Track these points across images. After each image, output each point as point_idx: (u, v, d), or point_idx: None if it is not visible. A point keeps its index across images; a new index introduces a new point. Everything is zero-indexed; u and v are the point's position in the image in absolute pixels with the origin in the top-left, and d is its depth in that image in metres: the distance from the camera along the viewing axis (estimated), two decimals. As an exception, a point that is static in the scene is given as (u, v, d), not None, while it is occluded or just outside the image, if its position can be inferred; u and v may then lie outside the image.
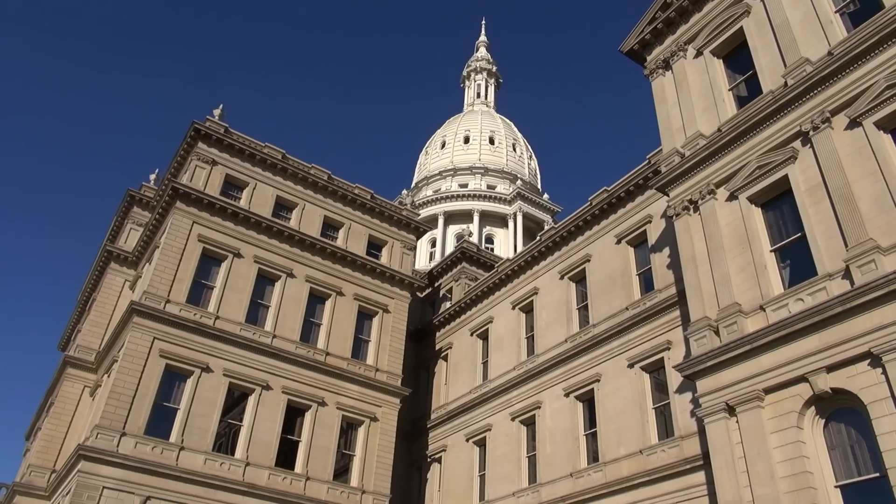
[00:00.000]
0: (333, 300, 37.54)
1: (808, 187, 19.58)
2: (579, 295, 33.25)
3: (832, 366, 17.09)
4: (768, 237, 20.57)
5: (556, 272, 34.58)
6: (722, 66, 24.72)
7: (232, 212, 35.63)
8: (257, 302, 35.18)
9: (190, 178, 35.64)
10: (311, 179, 39.39)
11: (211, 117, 37.55)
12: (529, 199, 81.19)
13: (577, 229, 34.05)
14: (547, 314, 34.30)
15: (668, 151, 24.88)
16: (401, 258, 41.54)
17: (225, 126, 37.52)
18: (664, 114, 25.79)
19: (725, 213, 21.75)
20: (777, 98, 20.87)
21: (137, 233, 42.14)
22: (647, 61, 27.59)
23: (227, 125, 37.63)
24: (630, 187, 31.33)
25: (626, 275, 30.36)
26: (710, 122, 23.77)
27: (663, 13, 26.83)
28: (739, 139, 21.86)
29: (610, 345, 29.35)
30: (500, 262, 40.55)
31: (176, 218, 34.23)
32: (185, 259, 33.56)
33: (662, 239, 28.72)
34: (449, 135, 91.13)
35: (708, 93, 24.38)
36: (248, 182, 37.53)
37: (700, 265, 21.82)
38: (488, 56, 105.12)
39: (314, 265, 37.59)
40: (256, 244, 36.04)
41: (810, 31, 21.30)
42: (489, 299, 38.97)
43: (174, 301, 32.44)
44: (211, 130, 36.69)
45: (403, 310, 40.12)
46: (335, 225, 40.02)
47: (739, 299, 20.12)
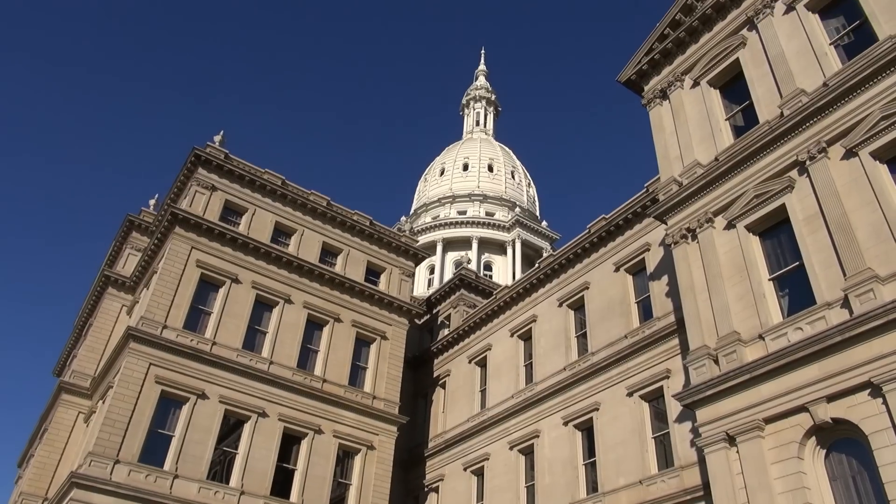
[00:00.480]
0: (331, 327, 37.40)
1: (805, 216, 19.68)
2: (578, 323, 33.17)
3: (832, 395, 17.00)
4: (766, 266, 20.61)
5: (555, 300, 34.54)
6: (719, 96, 25.01)
7: (231, 237, 35.67)
8: (255, 328, 35.02)
9: (189, 203, 35.75)
10: (311, 205, 39.52)
11: (211, 143, 37.81)
12: (528, 226, 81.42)
13: (575, 257, 34.09)
14: (545, 342, 34.17)
15: (665, 180, 25.04)
16: (399, 285, 41.48)
17: (225, 152, 37.75)
18: (662, 143, 26.02)
19: (723, 242, 21.81)
20: (774, 128, 21.08)
21: (136, 258, 42.13)
22: (645, 91, 27.91)
23: (227, 151, 37.87)
24: (628, 215, 31.46)
25: (625, 303, 30.32)
26: (707, 151, 23.97)
27: (660, 44, 27.22)
28: (737, 168, 22.03)
29: (609, 373, 29.19)
30: (498, 290, 40.53)
31: (175, 243, 34.25)
32: (182, 284, 33.50)
33: (661, 267, 28.75)
34: (448, 162, 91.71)
35: (705, 122, 24.62)
36: (248, 208, 37.64)
37: (699, 293, 21.82)
38: (487, 85, 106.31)
39: (312, 291, 37.53)
40: (255, 270, 36.02)
41: (805, 62, 21.61)
42: (487, 326, 38.85)
43: (171, 327, 32.31)
44: (211, 156, 36.91)
45: (401, 337, 39.96)
46: (334, 251, 40.04)
47: (738, 328, 20.08)
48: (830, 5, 22.14)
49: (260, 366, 33.86)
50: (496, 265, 79.95)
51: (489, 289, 45.01)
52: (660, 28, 27.33)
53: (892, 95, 18.65)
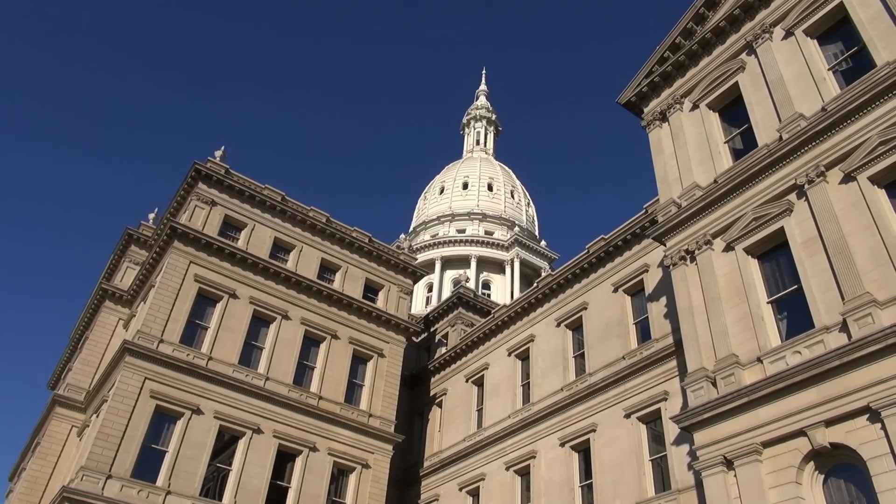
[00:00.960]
0: (328, 343, 37.27)
1: (803, 240, 19.72)
2: (576, 343, 33.08)
3: (831, 420, 16.91)
4: (765, 288, 20.60)
5: (553, 319, 34.47)
6: (718, 119, 25.18)
7: (229, 252, 35.66)
8: (251, 343, 34.89)
9: (189, 217, 35.79)
10: (310, 222, 39.57)
11: (212, 158, 37.95)
12: (527, 245, 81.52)
13: (573, 277, 34.08)
14: (543, 362, 34.05)
15: (664, 202, 25.12)
16: (397, 302, 41.43)
17: (226, 167, 37.88)
18: (661, 164, 26.14)
19: (722, 264, 21.83)
20: (772, 151, 21.19)
21: (134, 271, 42.08)
22: (645, 113, 28.09)
23: (227, 166, 38.01)
24: (627, 236, 31.52)
25: (623, 323, 30.26)
26: (706, 173, 24.07)
27: (660, 67, 27.45)
28: (735, 191, 22.11)
29: (606, 394, 29.06)
30: (496, 309, 40.47)
31: (173, 257, 34.23)
32: (180, 299, 33.43)
33: (659, 288, 28.74)
34: (448, 180, 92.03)
35: (704, 145, 24.76)
36: (247, 223, 37.68)
37: (697, 315, 21.79)
38: (488, 105, 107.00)
39: (310, 307, 37.46)
40: (253, 285, 35.97)
41: (804, 87, 21.79)
42: (485, 345, 38.72)
43: (167, 341, 32.19)
44: (212, 171, 37.02)
45: (398, 354, 39.81)
46: (332, 268, 40.02)
47: (737, 350, 20.02)
48: (829, 31, 22.38)
49: (256, 382, 33.67)
50: (495, 284, 79.89)
51: (487, 308, 44.94)
52: (660, 51, 27.58)
53: (890, 121, 18.78)
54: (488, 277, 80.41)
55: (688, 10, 26.85)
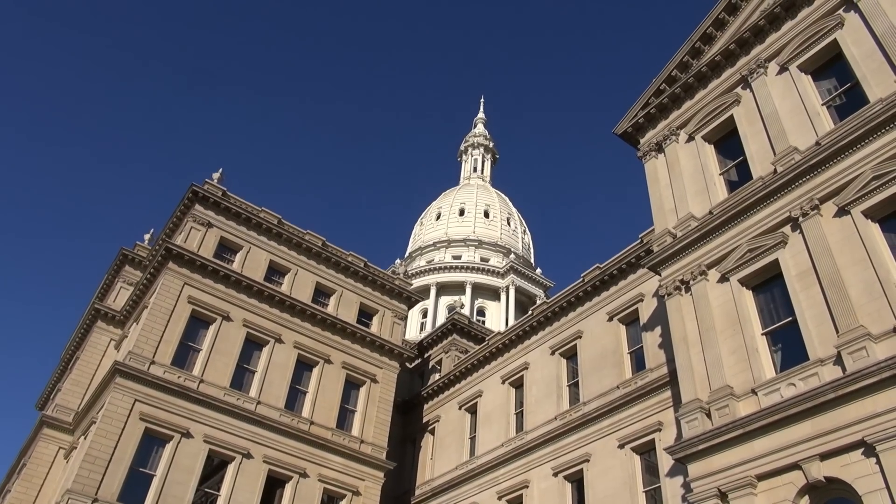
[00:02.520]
0: (321, 368, 37.06)
1: (798, 272, 19.81)
2: (570, 371, 32.96)
3: (826, 454, 16.82)
4: (760, 320, 20.63)
5: (548, 347, 34.39)
6: (713, 151, 25.45)
7: (224, 274, 35.62)
8: (243, 367, 34.68)
9: (184, 239, 35.79)
10: (306, 245, 39.61)
11: (210, 180, 38.08)
12: (522, 273, 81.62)
13: (569, 305, 34.09)
14: (537, 390, 33.88)
15: (660, 232, 25.26)
16: (391, 328, 41.32)
17: (223, 189, 38.00)
18: (657, 195, 26.33)
19: (717, 295, 21.88)
20: (767, 184, 21.39)
21: (127, 292, 41.93)
22: (641, 144, 28.38)
23: (224, 189, 38.13)
24: (622, 265, 31.62)
25: (618, 353, 30.21)
26: (701, 204, 24.25)
27: (656, 99, 27.81)
28: (730, 222, 22.26)
29: (600, 424, 28.89)
30: (491, 336, 40.39)
31: (167, 278, 34.15)
32: (173, 320, 33.28)
33: (654, 318, 28.75)
34: (444, 207, 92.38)
35: (699, 176, 24.98)
36: (243, 245, 37.70)
37: (692, 346, 21.78)
38: (486, 132, 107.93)
39: (303, 331, 37.32)
40: (246, 308, 35.86)
41: (798, 121, 22.08)
42: (479, 373, 38.54)
43: (159, 363, 31.96)
44: (209, 193, 37.12)
45: (392, 380, 39.59)
46: (327, 291, 39.97)
47: (731, 382, 19.98)
48: (823, 67, 22.76)
49: (247, 406, 33.38)
50: (489, 311, 79.77)
51: (482, 334, 44.83)
52: (656, 83, 27.96)
53: (883, 156, 19.00)
54: (483, 304, 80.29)
55: (684, 44, 27.29)
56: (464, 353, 43.06)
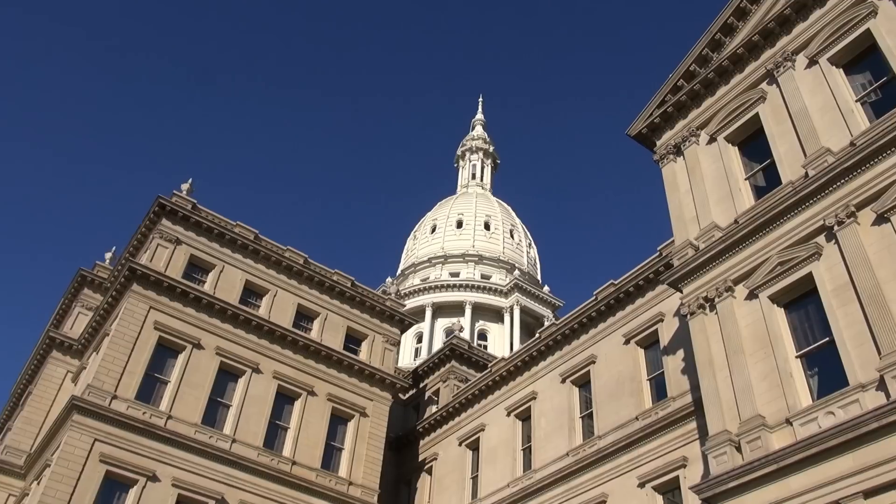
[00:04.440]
0: (304, 400, 36.97)
1: (834, 287, 19.86)
2: (583, 401, 32.93)
3: (869, 491, 16.76)
4: (793, 341, 20.64)
5: (557, 374, 34.37)
6: (737, 153, 25.61)
7: (194, 297, 35.62)
8: (217, 400, 34.61)
9: (150, 257, 35.83)
10: (286, 263, 39.66)
11: (178, 192, 38.19)
12: (528, 291, 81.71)
13: (580, 327, 34.11)
14: (546, 423, 33.81)
15: (680, 243, 25.35)
16: (382, 354, 41.28)
17: (193, 202, 38.10)
18: (676, 202, 26.45)
19: (745, 313, 21.92)
20: (798, 189, 21.51)
21: (86, 318, 41.84)
22: (657, 146, 28.55)
23: (195, 201, 38.25)
24: (639, 281, 31.69)
25: (636, 379, 30.20)
26: (726, 212, 24.36)
27: (673, 96, 28.01)
28: (758, 232, 22.35)
29: (618, 460, 28.81)
30: (494, 362, 40.34)
31: (131, 302, 34.14)
32: (137, 349, 33.23)
33: (676, 340, 28.78)
34: (440, 218, 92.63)
35: (723, 181, 25.11)
36: (215, 264, 37.74)
37: (718, 371, 21.77)
38: (485, 135, 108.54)
39: (284, 360, 37.26)
40: (220, 334, 35.83)
41: (830, 119, 22.25)
42: (481, 404, 38.46)
43: (122, 397, 31.86)
44: (177, 206, 37.21)
45: (383, 414, 39.50)
46: (310, 315, 39.96)
47: (763, 411, 19.96)
48: (856, 60, 22.97)
49: (221, 444, 33.26)
50: (492, 334, 79.73)
51: (484, 361, 44.79)
52: (673, 79, 28.19)
53: (925, 157, 19.13)
54: (485, 326, 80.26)
55: (703, 36, 27.55)
56: (464, 381, 42.98)
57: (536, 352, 35.96)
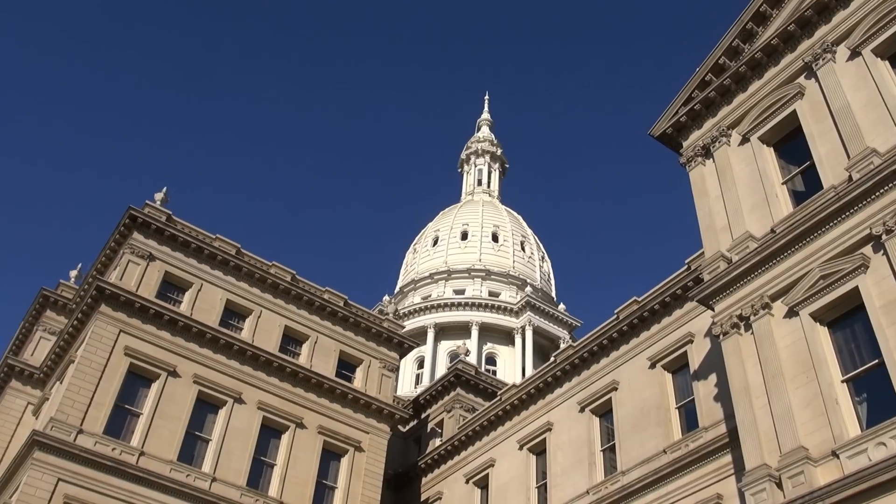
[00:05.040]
0: (292, 433, 36.97)
1: (883, 303, 19.87)
2: (604, 432, 32.91)
3: (927, 531, 16.73)
4: (839, 363, 20.64)
5: (575, 403, 34.37)
6: (773, 155, 25.71)
7: (169, 319, 35.71)
8: (194, 434, 34.62)
9: (120, 275, 35.97)
10: (271, 281, 39.77)
11: (151, 202, 38.36)
12: (541, 309, 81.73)
13: (600, 349, 34.13)
14: (563, 457, 33.78)
15: (711, 256, 25.40)
16: (379, 382, 41.28)
17: (167, 213, 38.29)
18: (705, 210, 26.53)
19: (784, 333, 21.92)
20: (841, 195, 21.57)
21: (49, 343, 41.94)
22: (684, 147, 28.68)
23: (170, 212, 38.45)
24: (666, 298, 31.74)
25: (663, 408, 30.19)
26: (761, 220, 24.42)
27: (701, 92, 28.15)
28: (798, 243, 22.38)
29: (644, 498, 28.75)
30: (504, 389, 40.34)
31: (99, 325, 34.24)
32: (106, 377, 33.28)
33: (707, 363, 28.78)
34: (443, 229, 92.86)
35: (758, 186, 25.19)
36: (193, 282, 37.87)
37: (755, 398, 21.76)
38: (492, 136, 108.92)
39: (269, 388, 37.29)
40: (198, 360, 35.90)
41: (876, 117, 22.34)
42: (490, 436, 38.44)
43: (88, 432, 31.88)
44: (150, 218, 37.37)
45: (381, 448, 39.47)
46: (298, 338, 40.03)
47: (806, 442, 19.92)
48: (904, 51, 23.11)
49: (199, 484, 33.26)
50: (501, 358, 79.70)
51: (492, 388, 44.78)
52: (700, 73, 28.35)
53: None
54: (493, 350, 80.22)
55: (733, 26, 27.72)
56: (470, 411, 42.97)
57: (552, 377, 35.95)
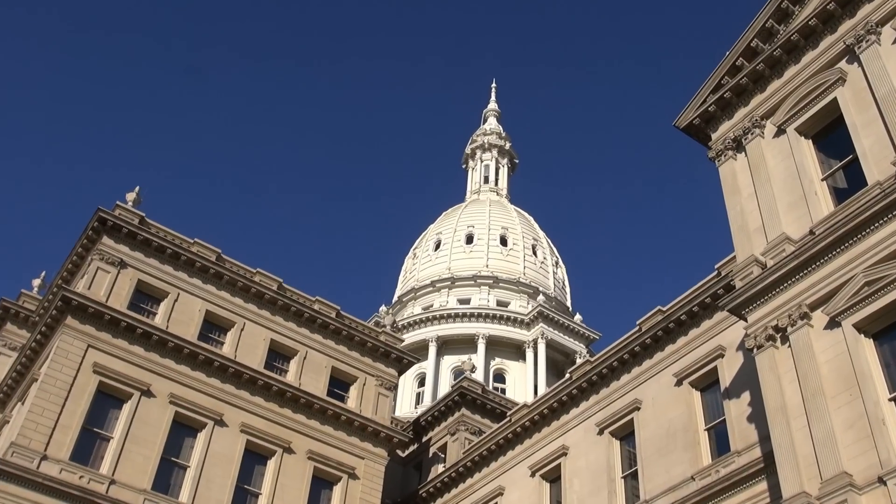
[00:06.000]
0: (278, 459, 36.98)
1: (935, 312, 19.88)
2: (625, 457, 32.88)
3: None
4: (886, 379, 20.61)
5: (593, 424, 34.34)
6: (812, 148, 25.70)
7: (143, 332, 35.75)
8: (171, 460, 34.66)
9: (88, 284, 36.01)
10: (255, 290, 39.80)
11: (123, 203, 38.42)
12: (555, 321, 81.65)
13: (621, 365, 34.12)
14: (580, 485, 33.76)
15: (743, 260, 25.38)
16: (375, 401, 41.28)
17: (140, 215, 38.36)
18: (737, 209, 26.52)
19: (825, 346, 21.89)
20: (887, 192, 21.56)
21: (9, 359, 42.00)
22: (713, 140, 28.68)
23: (143, 214, 38.52)
24: (694, 308, 31.71)
25: (691, 429, 30.17)
26: (798, 221, 24.41)
27: (731, 79, 28.15)
28: (839, 245, 22.36)
29: (670, 531, 28.75)
30: (514, 410, 40.32)
31: (65, 340, 34.28)
32: (72, 397, 33.30)
33: (740, 380, 28.75)
34: (446, 232, 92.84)
35: (795, 183, 25.19)
36: (168, 291, 37.93)
37: (793, 418, 21.74)
38: (500, 129, 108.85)
39: (254, 409, 37.32)
40: (174, 378, 35.93)
41: (926, 105, 22.35)
42: (499, 462, 38.42)
43: (53, 458, 31.90)
44: (122, 221, 37.41)
45: (377, 475, 39.48)
46: (286, 353, 40.08)
47: (849, 467, 19.89)
48: (957, 31, 23.13)
49: (176, 515, 33.27)
50: (511, 375, 79.62)
51: (501, 408, 44.77)
52: (731, 57, 28.35)
53: None
54: (502, 365, 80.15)
55: (766, 5, 27.72)
56: (477, 434, 42.94)
57: (567, 396, 35.92)
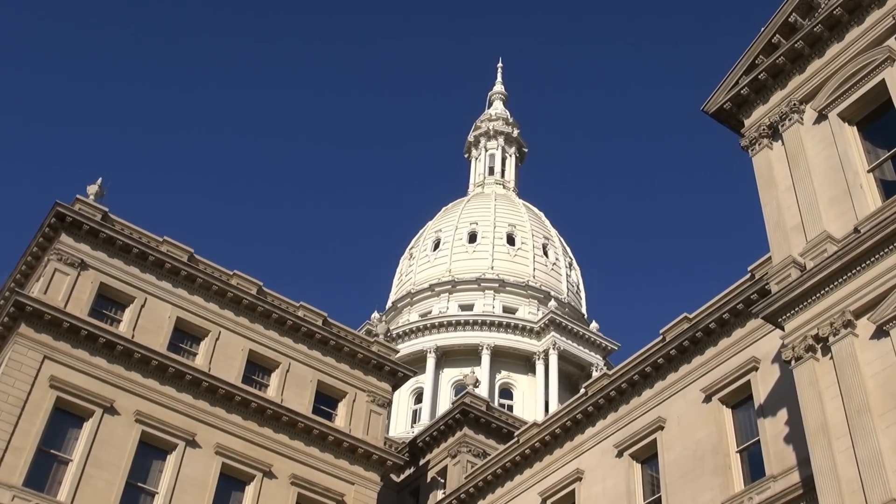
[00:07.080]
0: (258, 484, 36.99)
1: None
2: (647, 482, 32.90)
3: None
4: (940, 396, 20.65)
5: (611, 446, 34.34)
6: (856, 135, 25.65)
7: (105, 342, 35.75)
8: (136, 486, 34.71)
9: (44, 287, 35.98)
10: (232, 294, 39.80)
11: (83, 197, 38.37)
12: (569, 329, 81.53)
13: (643, 379, 34.13)
14: (597, 513, 33.76)
15: (780, 262, 25.36)
16: (367, 420, 41.27)
17: (103, 210, 38.33)
18: (772, 204, 26.50)
19: (871, 358, 21.88)
20: (941, 184, 21.60)
21: (-44, 372, 42.08)
22: (746, 127, 28.64)
23: (105, 209, 38.47)
24: (724, 315, 31.68)
25: (721, 452, 30.16)
26: (842, 217, 24.38)
27: (767, 58, 28.12)
28: (888, 245, 22.32)
29: (697, 565, 28.79)
30: (522, 429, 40.34)
31: (18, 350, 34.27)
32: (27, 415, 33.27)
33: (776, 395, 28.73)
34: (446, 229, 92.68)
35: (838, 174, 25.16)
36: (134, 296, 37.93)
37: (835, 438, 21.73)
38: (507, 114, 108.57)
39: (230, 428, 37.34)
40: (141, 394, 35.94)
41: None
42: (505, 487, 38.43)
43: (5, 484, 31.89)
44: (82, 217, 37.35)
45: (369, 502, 39.43)
46: (266, 365, 40.11)
47: (899, 493, 19.93)
48: None
49: (143, 547, 33.33)
50: (519, 390, 79.54)
51: (508, 427, 44.75)
52: (766, 34, 28.30)
53: None
54: (509, 379, 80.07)
55: (807, -26, 27.71)
56: (480, 456, 42.93)
57: (582, 414, 35.93)
